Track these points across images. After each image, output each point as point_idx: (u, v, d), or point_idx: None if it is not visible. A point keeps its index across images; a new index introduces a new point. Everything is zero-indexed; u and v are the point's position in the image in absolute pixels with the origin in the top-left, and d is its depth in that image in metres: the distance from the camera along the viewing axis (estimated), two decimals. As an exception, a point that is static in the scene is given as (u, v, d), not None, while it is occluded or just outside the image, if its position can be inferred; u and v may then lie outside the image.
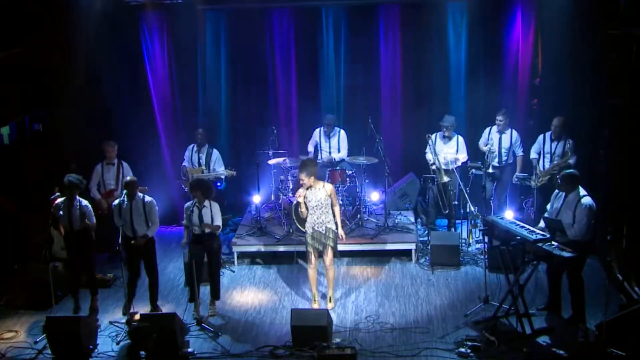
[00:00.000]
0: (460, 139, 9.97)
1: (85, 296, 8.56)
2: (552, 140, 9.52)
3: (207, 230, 8.07)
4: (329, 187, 8.14)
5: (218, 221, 8.17)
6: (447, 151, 9.89)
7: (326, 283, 8.47)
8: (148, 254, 8.27)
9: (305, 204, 8.01)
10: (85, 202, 8.28)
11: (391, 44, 10.62)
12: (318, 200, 8.01)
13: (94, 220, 8.32)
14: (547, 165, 9.45)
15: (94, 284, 8.59)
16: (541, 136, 9.66)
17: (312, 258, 8.20)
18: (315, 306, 8.29)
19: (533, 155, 9.70)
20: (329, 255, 8.17)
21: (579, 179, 7.60)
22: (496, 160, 9.87)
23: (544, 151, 9.57)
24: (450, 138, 9.91)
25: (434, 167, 9.79)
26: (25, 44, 9.69)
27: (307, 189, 8.01)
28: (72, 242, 8.27)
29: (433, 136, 9.92)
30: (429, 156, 9.94)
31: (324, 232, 8.08)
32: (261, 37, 10.76)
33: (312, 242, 8.12)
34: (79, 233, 8.22)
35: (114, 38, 10.38)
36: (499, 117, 9.81)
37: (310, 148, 10.49)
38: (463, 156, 9.89)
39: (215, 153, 10.15)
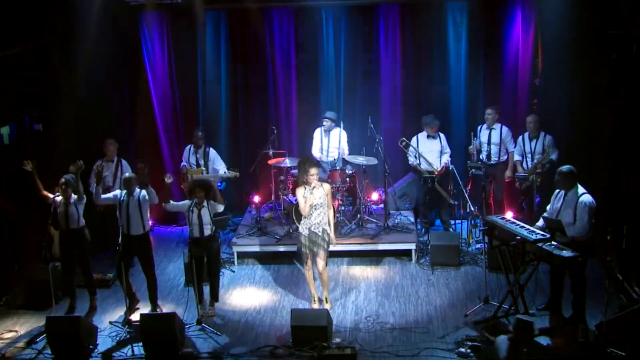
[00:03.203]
0: (442, 135, 10.05)
1: (85, 296, 8.57)
2: (530, 140, 9.55)
3: (208, 233, 8.08)
4: (327, 186, 8.15)
5: (220, 208, 8.25)
6: (432, 149, 9.95)
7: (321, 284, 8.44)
8: (144, 253, 8.28)
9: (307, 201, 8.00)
10: (75, 196, 8.27)
11: (391, 44, 10.62)
12: (319, 199, 8.01)
13: (84, 199, 8.28)
14: (530, 165, 9.48)
15: (92, 283, 8.59)
16: (520, 137, 9.72)
17: (309, 259, 8.19)
18: (315, 306, 8.29)
19: (516, 157, 9.75)
20: (322, 258, 8.14)
21: (576, 175, 7.60)
22: (485, 155, 9.86)
23: (524, 151, 9.61)
24: (435, 137, 9.94)
25: (421, 167, 9.82)
26: (25, 44, 9.68)
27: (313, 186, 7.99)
28: (67, 241, 8.28)
29: (413, 138, 9.95)
30: (412, 159, 9.99)
31: (320, 233, 8.07)
32: (261, 37, 10.76)
33: (307, 244, 8.10)
34: (74, 232, 8.23)
35: (114, 38, 10.39)
36: (488, 111, 9.85)
37: (317, 153, 10.26)
38: (446, 157, 9.95)
39: (212, 152, 10.13)
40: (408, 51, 10.62)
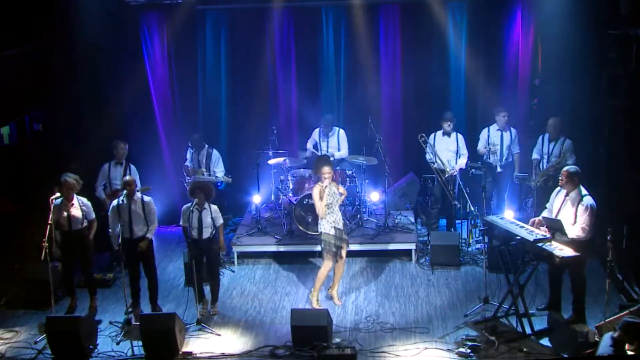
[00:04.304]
0: (460, 136, 9.97)
1: (85, 296, 8.57)
2: (549, 141, 9.53)
3: (207, 236, 8.09)
4: (334, 182, 8.27)
5: (220, 221, 8.19)
6: (447, 148, 9.89)
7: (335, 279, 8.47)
8: (146, 255, 8.27)
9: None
10: (84, 201, 8.28)
11: (391, 44, 10.62)
12: (334, 197, 8.09)
13: (94, 217, 8.32)
14: (545, 166, 9.46)
15: (93, 283, 8.59)
16: (540, 137, 9.68)
17: (333, 258, 8.20)
18: (316, 306, 8.27)
19: (535, 156, 9.71)
20: (345, 251, 8.28)
21: (581, 177, 7.60)
22: (498, 158, 9.85)
23: (542, 152, 9.59)
24: (450, 134, 9.91)
25: (435, 166, 9.78)
26: (26, 43, 9.69)
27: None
28: (69, 242, 8.27)
29: (431, 136, 9.93)
30: (429, 156, 9.94)
31: (342, 228, 8.21)
32: (261, 37, 10.76)
33: (335, 242, 8.12)
34: (76, 233, 8.22)
35: (114, 38, 10.39)
36: (503, 113, 9.79)
37: (309, 146, 10.49)
38: (463, 160, 9.87)
39: (215, 154, 10.11)
40: (408, 51, 10.62)
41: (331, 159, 10.06)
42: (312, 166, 8.43)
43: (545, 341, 7.45)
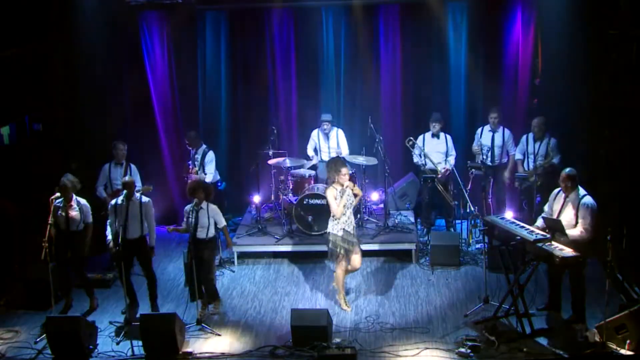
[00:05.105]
0: (449, 137, 10.01)
1: (85, 296, 8.57)
2: (534, 141, 9.53)
3: (201, 236, 8.06)
4: (350, 183, 8.18)
5: (222, 222, 8.19)
6: (437, 149, 9.91)
7: (334, 286, 8.44)
8: (142, 255, 8.27)
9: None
10: (83, 202, 8.29)
11: (391, 44, 10.63)
12: (348, 198, 8.03)
13: (91, 220, 8.32)
14: (531, 166, 9.46)
15: (88, 285, 8.58)
16: (524, 137, 9.69)
17: (343, 260, 8.13)
18: (346, 308, 8.25)
19: (518, 156, 9.73)
20: (359, 253, 8.15)
21: (577, 177, 7.61)
22: (488, 157, 9.86)
23: (527, 152, 9.59)
24: (438, 136, 9.91)
25: (425, 167, 9.81)
26: (25, 44, 9.69)
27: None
28: (66, 242, 8.27)
29: (420, 137, 9.94)
30: (416, 158, 9.96)
31: (352, 232, 8.10)
32: (261, 37, 10.76)
33: (342, 244, 8.04)
34: (74, 234, 8.23)
35: (114, 38, 10.39)
36: (493, 115, 9.80)
37: (311, 152, 10.47)
38: (452, 159, 9.91)
39: (210, 155, 10.02)
40: (408, 51, 10.62)
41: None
42: (327, 169, 8.28)
43: (545, 341, 7.46)
